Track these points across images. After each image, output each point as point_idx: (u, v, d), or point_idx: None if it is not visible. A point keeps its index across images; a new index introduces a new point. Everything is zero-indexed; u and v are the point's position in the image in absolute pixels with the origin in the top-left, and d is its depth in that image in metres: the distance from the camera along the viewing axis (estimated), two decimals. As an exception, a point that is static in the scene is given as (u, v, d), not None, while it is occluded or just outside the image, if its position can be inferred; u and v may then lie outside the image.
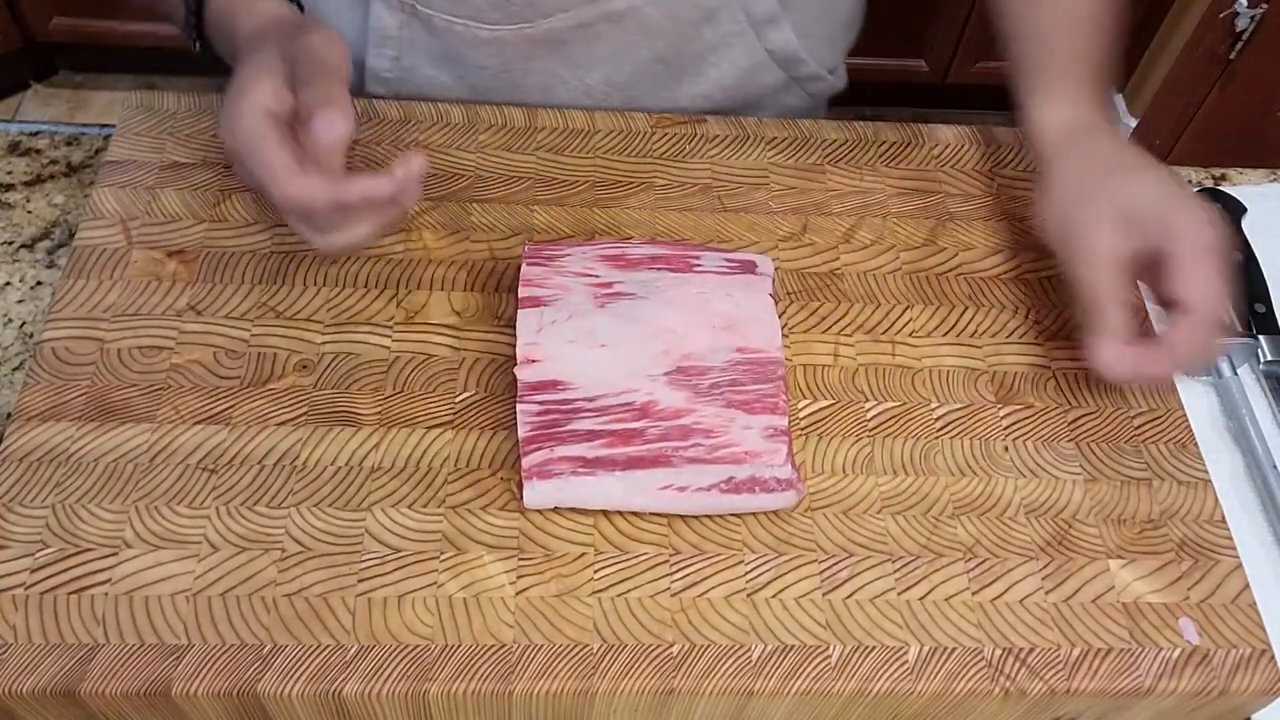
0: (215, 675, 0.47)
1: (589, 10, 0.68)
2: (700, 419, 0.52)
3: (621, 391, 0.53)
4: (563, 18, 0.68)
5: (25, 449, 0.52)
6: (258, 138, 0.51)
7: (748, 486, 0.52)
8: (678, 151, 0.68)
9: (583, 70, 0.72)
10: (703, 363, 0.54)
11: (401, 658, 0.48)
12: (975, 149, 0.71)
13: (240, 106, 0.52)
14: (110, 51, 2.00)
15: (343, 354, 0.57)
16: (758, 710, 0.51)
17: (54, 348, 0.56)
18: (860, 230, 0.66)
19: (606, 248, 0.59)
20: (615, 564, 0.51)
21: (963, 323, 0.62)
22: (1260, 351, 0.69)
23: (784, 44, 0.74)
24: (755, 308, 0.56)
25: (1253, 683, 0.51)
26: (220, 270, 0.60)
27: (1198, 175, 0.80)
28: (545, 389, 0.53)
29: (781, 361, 0.55)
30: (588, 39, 0.70)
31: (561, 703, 0.49)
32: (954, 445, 0.57)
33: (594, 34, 0.69)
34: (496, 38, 0.68)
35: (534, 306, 0.55)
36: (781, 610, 0.51)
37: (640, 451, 0.51)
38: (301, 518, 0.51)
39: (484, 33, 0.68)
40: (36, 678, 0.46)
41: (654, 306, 0.56)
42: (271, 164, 0.51)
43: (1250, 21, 1.78)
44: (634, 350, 0.54)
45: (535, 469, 0.51)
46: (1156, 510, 0.56)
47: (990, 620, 0.51)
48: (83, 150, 0.73)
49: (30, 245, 0.68)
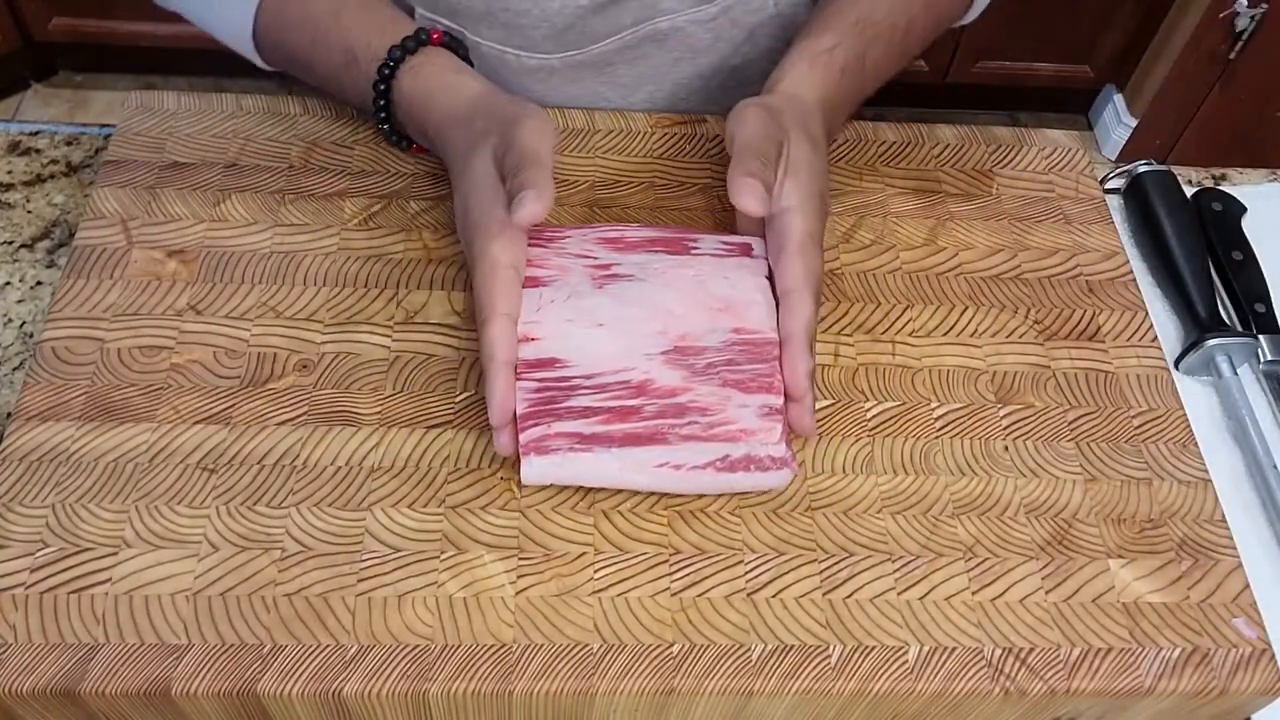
0: (215, 675, 0.47)
1: (635, 32, 0.69)
2: (696, 398, 0.53)
3: (619, 370, 0.53)
4: (611, 41, 0.68)
5: (25, 449, 0.52)
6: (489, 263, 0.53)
7: (743, 465, 0.52)
8: (678, 151, 0.68)
9: (626, 90, 0.73)
10: (699, 343, 0.54)
11: (401, 658, 0.48)
12: (975, 149, 0.71)
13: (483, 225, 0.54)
14: (110, 51, 2.00)
15: (343, 354, 0.57)
16: (758, 710, 0.51)
17: (54, 348, 0.56)
18: (860, 230, 0.66)
19: (605, 230, 0.59)
20: (615, 564, 0.51)
21: (963, 323, 0.62)
22: (1260, 351, 0.69)
23: None
24: (751, 289, 0.56)
25: (1253, 683, 0.51)
26: (220, 270, 0.60)
27: (1198, 175, 0.80)
28: (543, 367, 0.53)
29: (777, 342, 0.55)
30: (633, 60, 0.71)
31: (561, 703, 0.49)
32: (954, 445, 0.57)
33: (639, 54, 0.70)
34: (545, 65, 0.69)
35: (533, 286, 0.55)
36: (781, 610, 0.51)
37: (637, 428, 0.52)
38: (301, 517, 0.51)
39: (533, 61, 0.69)
40: (36, 678, 0.46)
41: (651, 288, 0.56)
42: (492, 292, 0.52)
43: (1250, 21, 1.78)
44: (631, 330, 0.54)
45: (533, 445, 0.51)
46: (1156, 510, 0.56)
47: (990, 620, 0.51)
48: (83, 150, 0.73)
49: (30, 245, 0.68)
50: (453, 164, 0.58)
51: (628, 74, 0.72)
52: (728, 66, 0.74)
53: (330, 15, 0.62)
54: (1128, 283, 0.65)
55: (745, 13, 0.71)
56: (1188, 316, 0.69)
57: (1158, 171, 0.74)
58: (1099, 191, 0.70)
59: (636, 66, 0.71)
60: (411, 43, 0.60)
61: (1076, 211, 0.69)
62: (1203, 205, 0.75)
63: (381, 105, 0.62)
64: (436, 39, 0.62)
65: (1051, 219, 0.68)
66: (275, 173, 0.64)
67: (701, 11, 0.69)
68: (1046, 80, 2.11)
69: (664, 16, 0.69)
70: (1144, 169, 0.75)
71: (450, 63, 0.61)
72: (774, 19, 0.72)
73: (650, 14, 0.69)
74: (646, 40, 0.69)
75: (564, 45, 0.68)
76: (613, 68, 0.71)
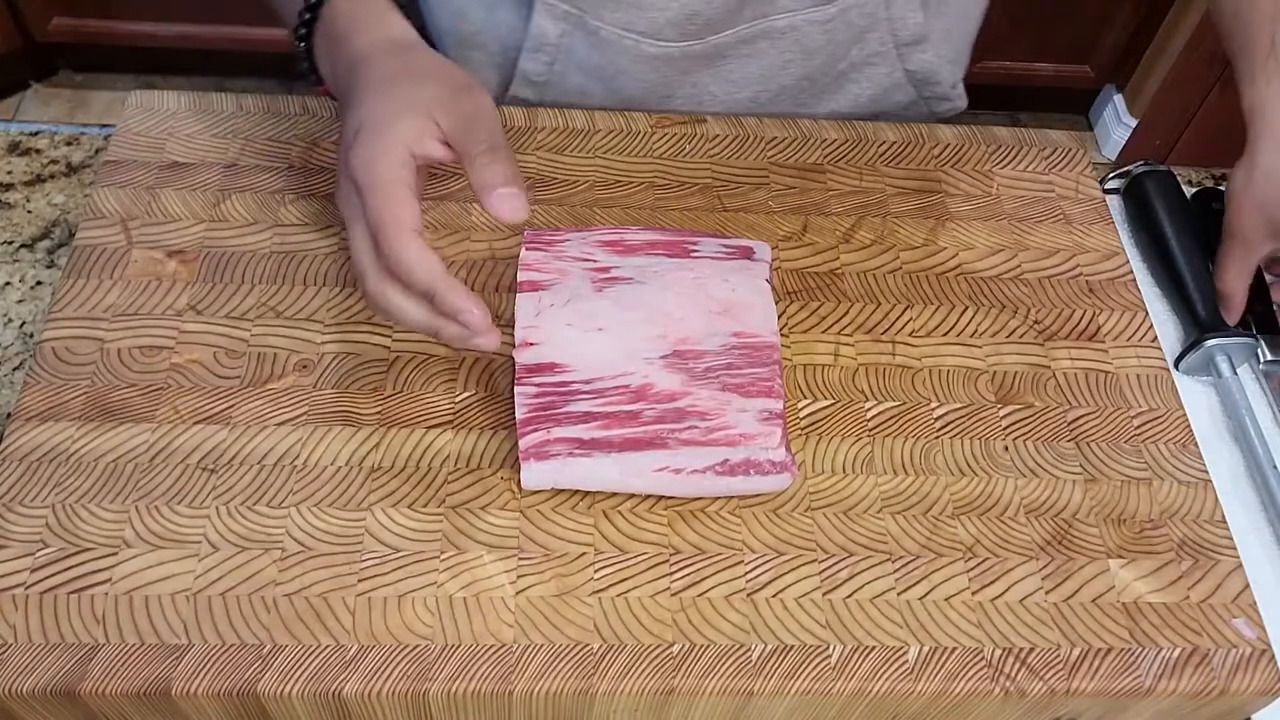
0: (215, 675, 0.47)
1: (752, 27, 0.69)
2: (696, 402, 0.53)
3: (618, 374, 0.53)
4: (728, 34, 0.69)
5: (25, 449, 0.52)
6: (394, 181, 0.48)
7: (742, 469, 0.52)
8: (678, 151, 0.68)
9: (734, 86, 0.73)
10: (699, 347, 0.54)
11: (401, 658, 0.48)
12: (975, 149, 0.71)
13: (384, 141, 0.49)
14: (110, 51, 2.00)
15: (343, 354, 0.57)
16: (758, 710, 0.51)
17: (54, 348, 0.56)
18: (860, 230, 0.66)
19: (605, 234, 0.59)
20: (615, 564, 0.51)
21: (963, 323, 0.62)
22: (1260, 351, 0.69)
23: (923, 65, 0.76)
24: (752, 293, 0.56)
25: (1253, 683, 0.51)
26: (220, 270, 0.60)
27: (1198, 175, 0.80)
28: (543, 371, 0.53)
29: (777, 346, 0.55)
30: (745, 55, 0.71)
31: (561, 703, 0.49)
32: (954, 445, 0.57)
33: (752, 50, 0.70)
34: (664, 53, 0.69)
35: (532, 290, 0.55)
36: (781, 610, 0.51)
37: (636, 433, 0.52)
38: (301, 517, 0.51)
39: (652, 49, 0.68)
40: (36, 678, 0.46)
41: (651, 291, 0.56)
42: (398, 215, 0.47)
43: (1250, 21, 1.77)
44: (631, 334, 0.54)
45: (532, 450, 0.51)
46: (1156, 510, 0.56)
47: (990, 620, 0.51)
48: (83, 150, 0.73)
49: (30, 245, 0.68)
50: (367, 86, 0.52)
51: (738, 71, 0.72)
52: (835, 71, 0.74)
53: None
54: (1128, 283, 0.65)
55: (860, 16, 0.71)
56: (1188, 316, 0.69)
57: (1158, 171, 0.74)
58: (1099, 191, 0.70)
59: (748, 65, 0.71)
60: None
61: (1076, 212, 0.69)
62: (1203, 205, 0.74)
63: (308, 19, 0.57)
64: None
65: (1051, 219, 0.68)
66: (275, 173, 0.64)
67: (820, 11, 0.69)
68: (1046, 80, 2.11)
69: (782, 14, 0.69)
70: (1144, 169, 0.75)
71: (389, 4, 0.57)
72: (885, 22, 0.72)
73: (768, 9, 0.69)
74: (761, 37, 0.70)
75: (685, 34, 0.68)
76: (725, 62, 0.71)
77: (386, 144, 0.49)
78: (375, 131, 0.49)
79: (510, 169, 0.49)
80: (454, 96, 0.51)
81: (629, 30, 0.68)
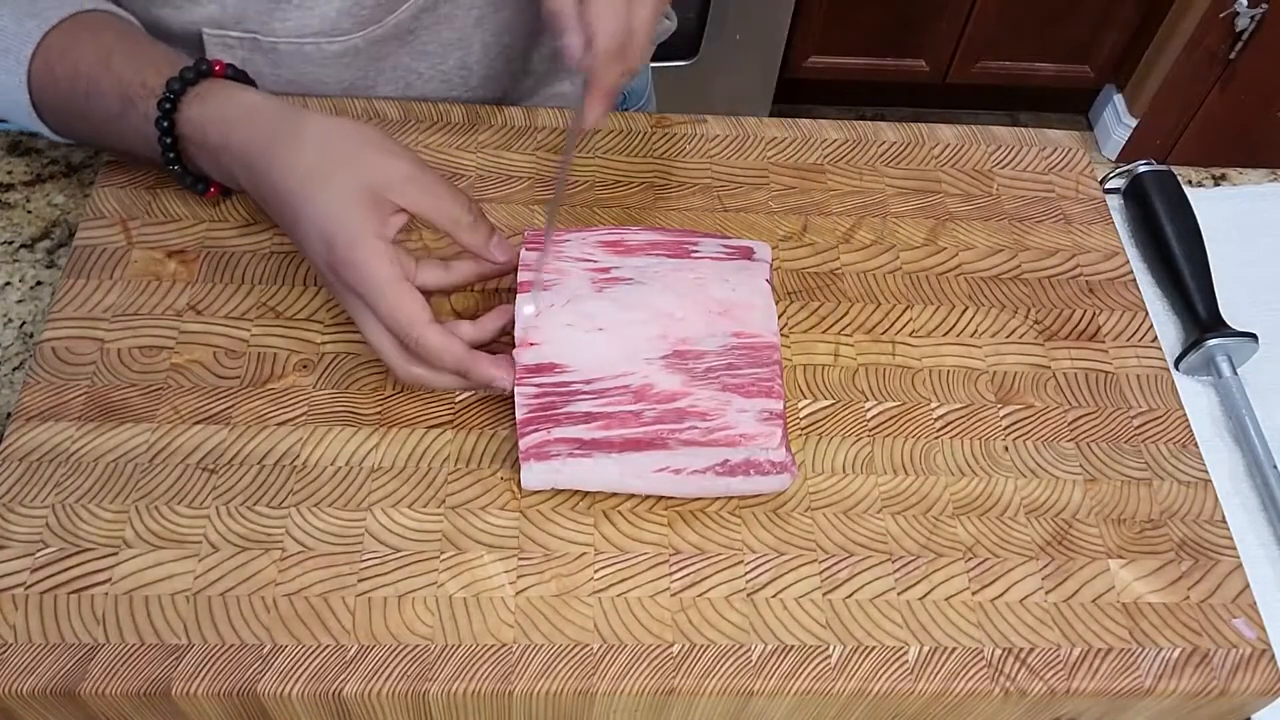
0: (215, 675, 0.47)
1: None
2: (696, 402, 0.53)
3: (618, 375, 0.53)
4: (408, 8, 0.66)
5: (25, 449, 0.52)
6: (392, 281, 0.50)
7: (742, 469, 0.52)
8: (678, 151, 0.68)
9: (436, 59, 0.71)
10: (699, 347, 0.54)
11: (401, 658, 0.48)
12: (975, 149, 0.71)
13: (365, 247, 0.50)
14: (110, 51, 2.00)
15: (343, 354, 0.57)
16: (758, 710, 0.51)
17: (54, 348, 0.56)
18: (860, 230, 0.66)
19: (605, 234, 0.59)
20: (615, 564, 0.51)
21: (963, 323, 0.62)
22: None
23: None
24: (752, 293, 0.56)
25: (1253, 683, 0.51)
26: (220, 270, 0.60)
27: (1197, 175, 0.80)
28: (543, 372, 0.53)
29: (777, 346, 0.55)
30: (433, 25, 0.69)
31: (561, 703, 0.49)
32: (954, 445, 0.57)
33: (438, 18, 0.69)
34: (348, 47, 0.67)
35: (533, 290, 0.55)
36: (781, 610, 0.51)
37: (636, 434, 0.52)
38: (301, 518, 0.51)
39: (335, 46, 0.66)
40: (36, 678, 0.46)
41: (651, 291, 0.56)
42: (410, 313, 0.51)
43: (1250, 21, 1.78)
44: (631, 334, 0.54)
45: (532, 450, 0.51)
46: (1156, 510, 0.56)
47: (990, 620, 0.51)
48: (83, 150, 0.73)
49: (30, 245, 0.68)
50: (301, 190, 0.52)
51: (433, 41, 0.70)
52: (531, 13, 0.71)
53: (99, 63, 0.57)
54: (1128, 283, 0.65)
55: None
56: (1188, 316, 0.70)
57: (1158, 171, 0.74)
58: (1099, 191, 0.70)
59: (439, 32, 0.69)
60: (191, 73, 0.56)
61: (1076, 211, 0.69)
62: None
63: (168, 143, 0.57)
64: (219, 70, 0.57)
65: (1051, 219, 0.68)
66: (275, 173, 0.64)
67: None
68: (1046, 80, 2.11)
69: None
70: (1144, 169, 0.75)
71: (239, 88, 0.57)
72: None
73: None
74: (442, 1, 0.68)
75: (360, 21, 0.66)
76: (415, 36, 0.69)
77: (369, 249, 0.51)
78: (350, 242, 0.51)
79: (488, 225, 0.54)
80: (402, 182, 0.52)
81: (304, 36, 0.65)
